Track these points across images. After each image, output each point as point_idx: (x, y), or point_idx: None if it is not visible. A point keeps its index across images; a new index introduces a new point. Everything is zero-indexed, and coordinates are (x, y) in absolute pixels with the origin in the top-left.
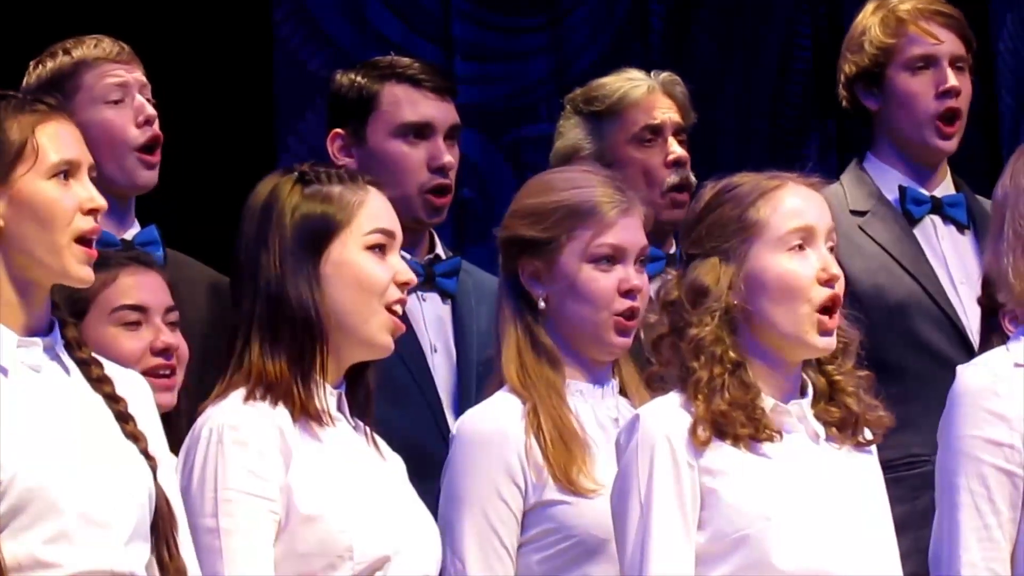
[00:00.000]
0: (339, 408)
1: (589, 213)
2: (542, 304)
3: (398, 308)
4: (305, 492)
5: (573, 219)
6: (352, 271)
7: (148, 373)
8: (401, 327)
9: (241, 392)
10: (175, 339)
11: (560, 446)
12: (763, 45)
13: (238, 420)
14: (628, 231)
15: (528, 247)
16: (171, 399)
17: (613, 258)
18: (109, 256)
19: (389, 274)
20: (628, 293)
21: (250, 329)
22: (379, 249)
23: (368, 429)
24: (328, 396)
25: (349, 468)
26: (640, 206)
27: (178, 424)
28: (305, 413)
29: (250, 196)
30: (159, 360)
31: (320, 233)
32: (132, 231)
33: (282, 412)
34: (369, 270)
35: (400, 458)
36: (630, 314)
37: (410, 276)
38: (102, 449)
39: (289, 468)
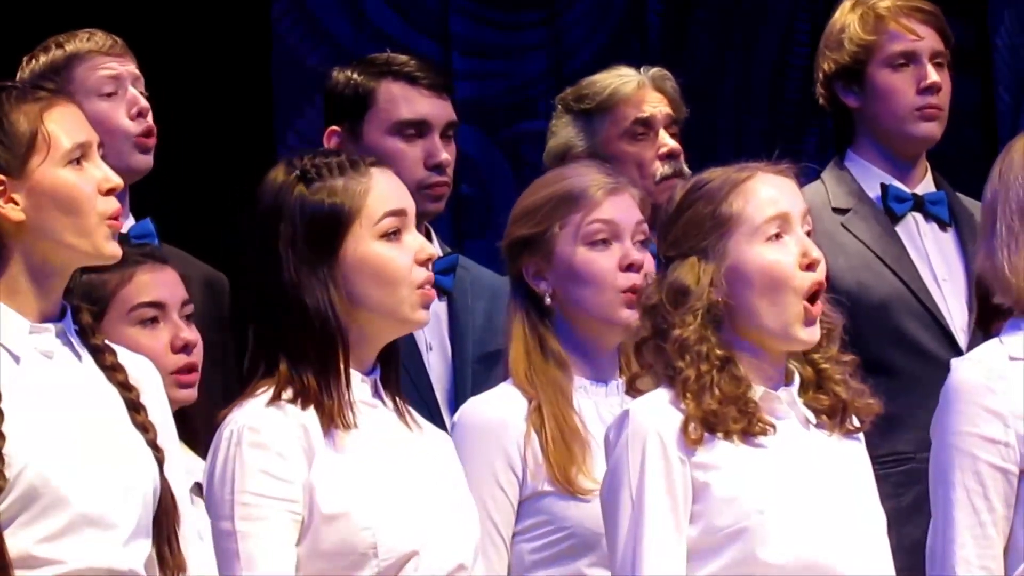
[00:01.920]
0: (375, 394)
1: (578, 197)
2: (548, 300)
3: (427, 286)
4: (327, 491)
5: (563, 206)
6: (372, 266)
7: (176, 372)
8: (432, 295)
9: (267, 393)
10: (194, 334)
11: (561, 445)
12: (761, 42)
13: (258, 422)
14: (618, 208)
15: (527, 245)
16: (193, 395)
17: (608, 239)
18: (124, 255)
19: (410, 257)
20: (629, 267)
21: (274, 349)
22: (394, 234)
23: (407, 408)
24: (360, 386)
25: (377, 462)
26: (632, 188)
27: (191, 418)
28: (334, 418)
29: (256, 201)
30: (184, 358)
31: (331, 232)
32: (127, 224)
33: (311, 413)
34: (389, 261)
35: (444, 434)
36: (635, 290)
37: (432, 250)
38: (109, 441)
39: (312, 467)
